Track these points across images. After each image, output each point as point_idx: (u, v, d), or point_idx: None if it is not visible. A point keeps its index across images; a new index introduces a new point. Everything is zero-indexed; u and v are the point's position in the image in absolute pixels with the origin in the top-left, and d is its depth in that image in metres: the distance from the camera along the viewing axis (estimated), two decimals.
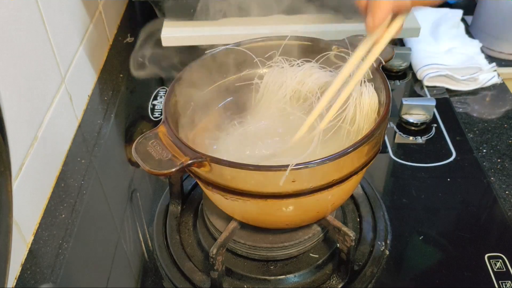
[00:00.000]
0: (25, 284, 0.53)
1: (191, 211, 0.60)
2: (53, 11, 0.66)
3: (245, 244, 0.52)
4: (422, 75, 0.80)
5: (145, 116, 0.76)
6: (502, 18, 0.97)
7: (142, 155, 0.41)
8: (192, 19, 0.81)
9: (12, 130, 0.53)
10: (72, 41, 0.74)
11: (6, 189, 0.40)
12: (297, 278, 0.52)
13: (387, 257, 0.54)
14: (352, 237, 0.48)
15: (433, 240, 0.56)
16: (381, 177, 0.65)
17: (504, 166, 0.65)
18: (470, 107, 0.76)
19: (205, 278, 0.52)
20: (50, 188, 0.63)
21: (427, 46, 0.85)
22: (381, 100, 0.48)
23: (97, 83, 0.82)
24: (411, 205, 0.60)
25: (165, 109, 0.47)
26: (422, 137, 0.70)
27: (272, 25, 0.80)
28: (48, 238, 0.58)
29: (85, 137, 0.72)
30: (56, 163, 0.66)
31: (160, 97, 0.80)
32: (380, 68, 0.50)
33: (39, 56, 0.63)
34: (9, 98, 0.54)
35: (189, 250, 0.56)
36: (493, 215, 0.59)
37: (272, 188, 0.42)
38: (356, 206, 0.60)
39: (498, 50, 1.02)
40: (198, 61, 0.53)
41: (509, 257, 0.54)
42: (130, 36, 0.95)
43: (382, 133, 0.45)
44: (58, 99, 0.67)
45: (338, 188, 0.43)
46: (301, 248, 0.52)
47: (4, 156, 0.39)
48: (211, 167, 0.41)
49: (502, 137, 0.70)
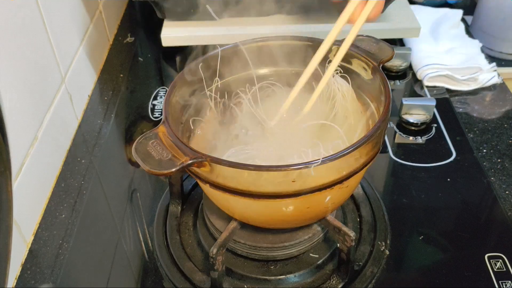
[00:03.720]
0: (25, 284, 0.53)
1: (191, 211, 0.60)
2: (53, 11, 0.66)
3: (245, 244, 0.52)
4: (422, 75, 0.80)
5: (145, 116, 0.76)
6: (502, 18, 0.97)
7: (142, 155, 0.41)
8: (192, 19, 0.81)
9: (12, 130, 0.53)
10: (72, 41, 0.74)
11: (6, 189, 0.40)
12: (297, 278, 0.52)
13: (387, 257, 0.54)
14: (352, 237, 0.48)
15: (433, 240, 0.56)
16: (381, 177, 0.65)
17: (504, 166, 0.65)
18: (470, 107, 0.76)
19: (205, 278, 0.52)
20: (50, 188, 0.63)
21: (427, 46, 0.86)
22: (381, 100, 0.48)
23: (97, 83, 0.82)
24: (411, 205, 0.60)
25: (165, 109, 0.47)
26: (422, 137, 0.70)
27: (272, 25, 0.80)
28: (48, 238, 0.58)
29: (85, 137, 0.72)
30: (56, 163, 0.66)
31: (160, 97, 0.80)
32: (380, 68, 0.50)
33: (39, 56, 0.63)
34: (9, 98, 0.54)
35: (189, 250, 0.56)
36: (493, 215, 0.59)
37: (272, 188, 0.42)
38: (356, 206, 0.60)
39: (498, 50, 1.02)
40: (198, 61, 0.53)
41: (509, 257, 0.54)
42: (130, 36, 0.95)
43: (382, 133, 0.45)
44: (58, 99, 0.67)
45: (338, 188, 0.43)
46: (301, 248, 0.52)
47: (4, 156, 0.39)
48: (211, 167, 0.41)
49: (502, 137, 0.70)
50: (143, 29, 0.99)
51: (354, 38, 0.48)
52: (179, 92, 0.51)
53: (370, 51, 0.52)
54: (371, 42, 0.53)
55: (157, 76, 0.89)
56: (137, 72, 0.87)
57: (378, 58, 0.51)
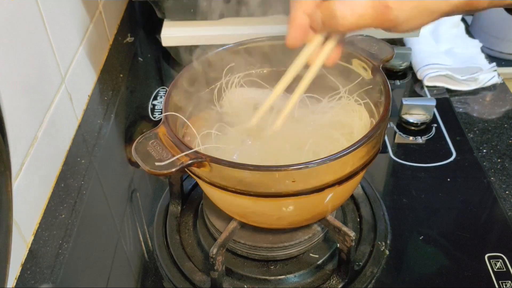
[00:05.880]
0: (25, 284, 0.53)
1: (191, 211, 0.60)
2: (53, 11, 0.66)
3: (245, 244, 0.52)
4: (422, 75, 0.80)
5: (145, 116, 0.76)
6: (502, 18, 0.97)
7: (142, 155, 0.41)
8: (192, 19, 0.81)
9: (12, 130, 0.53)
10: (72, 41, 0.74)
11: (6, 189, 0.40)
12: (297, 278, 0.52)
13: (387, 257, 0.54)
14: (352, 237, 0.48)
15: (433, 240, 0.56)
16: (381, 177, 0.65)
17: (504, 166, 0.65)
18: (470, 107, 0.76)
19: (205, 278, 0.52)
20: (50, 188, 0.63)
21: (427, 46, 0.85)
22: (380, 100, 0.48)
23: (97, 83, 0.82)
24: (411, 205, 0.60)
25: (165, 109, 0.47)
26: (422, 137, 0.70)
27: (272, 25, 0.80)
28: (48, 238, 0.58)
29: (85, 137, 0.72)
30: (56, 163, 0.66)
31: (160, 97, 0.80)
32: (380, 68, 0.50)
33: (39, 56, 0.63)
34: (9, 98, 0.54)
35: (189, 250, 0.56)
36: (493, 215, 0.59)
37: (272, 188, 0.42)
38: (356, 206, 0.60)
39: (498, 50, 1.02)
40: (199, 61, 0.53)
41: (509, 257, 0.54)
42: (130, 36, 0.95)
43: (382, 133, 0.45)
44: (58, 99, 0.67)
45: (338, 188, 0.43)
46: (301, 248, 0.52)
47: (4, 156, 0.39)
48: (211, 167, 0.41)
49: (502, 137, 0.70)
50: (143, 29, 0.99)
51: (312, 78, 0.46)
52: (179, 92, 0.51)
53: (370, 51, 0.51)
54: (371, 42, 0.53)
55: (157, 76, 0.89)
56: (137, 72, 0.87)
57: (378, 58, 0.51)
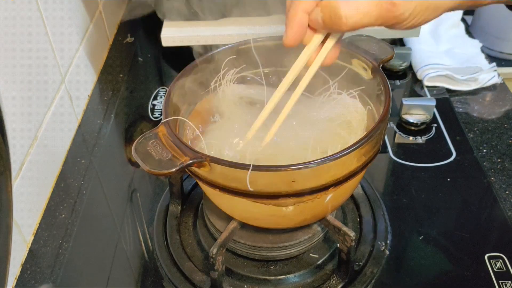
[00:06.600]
0: (25, 284, 0.53)
1: (191, 211, 0.60)
2: (53, 11, 0.66)
3: (245, 244, 0.52)
4: (422, 75, 0.80)
5: (145, 116, 0.76)
6: (502, 18, 0.97)
7: (142, 155, 0.41)
8: (192, 19, 0.81)
9: (12, 130, 0.53)
10: (72, 41, 0.74)
11: (6, 189, 0.40)
12: (297, 278, 0.52)
13: (387, 257, 0.54)
14: (352, 237, 0.48)
15: (433, 240, 0.56)
16: (381, 177, 0.65)
17: (504, 166, 0.65)
18: (470, 107, 0.76)
19: (205, 278, 0.52)
20: (50, 188, 0.63)
21: (427, 46, 0.85)
22: (381, 100, 0.48)
23: (97, 83, 0.82)
24: (411, 205, 0.60)
25: (165, 109, 0.47)
26: (422, 137, 0.70)
27: (272, 25, 0.80)
28: (48, 238, 0.58)
29: (85, 137, 0.72)
30: (56, 163, 0.66)
31: (160, 97, 0.80)
32: (380, 68, 0.50)
33: (39, 56, 0.63)
34: (9, 98, 0.54)
35: (189, 250, 0.56)
36: (493, 215, 0.59)
37: (272, 188, 0.42)
38: (356, 206, 0.60)
39: (498, 50, 1.02)
40: (199, 61, 0.53)
41: (509, 257, 0.54)
42: (130, 36, 0.95)
43: (382, 133, 0.45)
44: (58, 99, 0.67)
45: (338, 188, 0.43)
46: (301, 248, 0.52)
47: (4, 156, 0.39)
48: (211, 167, 0.41)
49: (502, 137, 0.70)
50: (143, 29, 0.99)
51: (310, 79, 0.46)
52: (179, 92, 0.51)
53: (370, 51, 0.51)
54: (371, 42, 0.53)
55: (157, 76, 0.89)
56: (137, 72, 0.87)
57: (378, 58, 0.51)
